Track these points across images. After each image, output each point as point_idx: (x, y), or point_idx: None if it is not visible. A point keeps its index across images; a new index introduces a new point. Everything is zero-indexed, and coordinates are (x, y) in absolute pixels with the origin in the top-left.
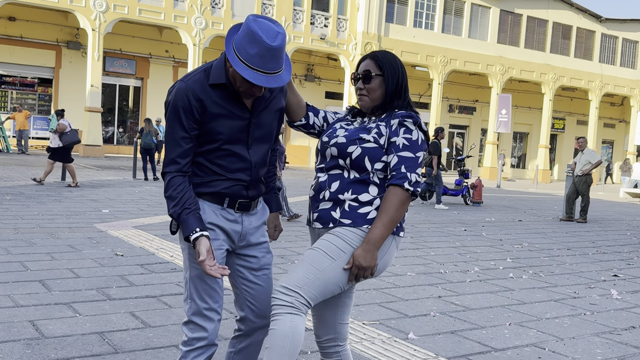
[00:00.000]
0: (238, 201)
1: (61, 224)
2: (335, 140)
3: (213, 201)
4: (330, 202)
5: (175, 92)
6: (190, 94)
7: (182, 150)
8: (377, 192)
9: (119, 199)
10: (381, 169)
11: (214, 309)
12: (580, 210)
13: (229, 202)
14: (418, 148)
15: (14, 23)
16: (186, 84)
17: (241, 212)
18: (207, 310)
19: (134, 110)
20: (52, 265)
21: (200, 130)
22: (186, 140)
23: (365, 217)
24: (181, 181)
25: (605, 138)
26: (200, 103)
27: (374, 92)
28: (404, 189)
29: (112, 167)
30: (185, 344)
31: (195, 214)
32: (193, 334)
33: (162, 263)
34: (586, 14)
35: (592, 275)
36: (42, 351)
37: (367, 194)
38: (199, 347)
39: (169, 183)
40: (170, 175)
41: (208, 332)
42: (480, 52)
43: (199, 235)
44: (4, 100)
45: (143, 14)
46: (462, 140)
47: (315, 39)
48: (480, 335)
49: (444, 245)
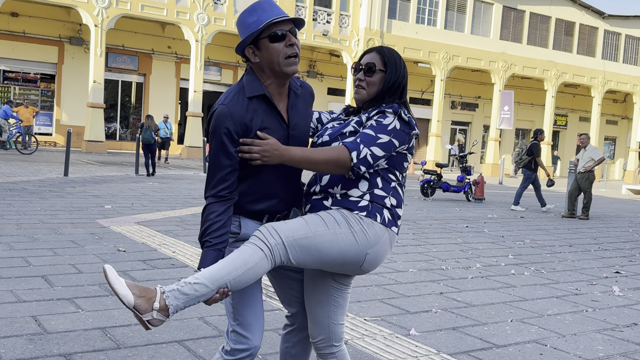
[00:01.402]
0: (276, 216)
1: (64, 220)
2: (321, 139)
3: (253, 218)
4: (321, 194)
5: (216, 116)
6: (234, 118)
7: (222, 176)
8: (367, 187)
9: (122, 194)
10: None
11: (257, 318)
12: (583, 207)
13: (267, 218)
14: (385, 131)
15: (17, 19)
16: (227, 107)
17: None
18: (251, 320)
19: (136, 106)
20: (55, 261)
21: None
22: (228, 166)
23: (357, 204)
24: (216, 208)
25: (608, 135)
26: (243, 125)
27: (372, 86)
28: (349, 156)
29: (114, 163)
30: (227, 353)
31: (214, 250)
32: (236, 345)
33: (164, 259)
34: (589, 11)
35: (594, 272)
36: (44, 346)
37: (357, 189)
38: (240, 358)
39: (205, 208)
40: (208, 201)
41: (251, 343)
42: (483, 49)
43: None
44: (6, 96)
45: (145, 10)
46: (464, 136)
47: (317, 35)
48: (481, 332)
49: (446, 241)
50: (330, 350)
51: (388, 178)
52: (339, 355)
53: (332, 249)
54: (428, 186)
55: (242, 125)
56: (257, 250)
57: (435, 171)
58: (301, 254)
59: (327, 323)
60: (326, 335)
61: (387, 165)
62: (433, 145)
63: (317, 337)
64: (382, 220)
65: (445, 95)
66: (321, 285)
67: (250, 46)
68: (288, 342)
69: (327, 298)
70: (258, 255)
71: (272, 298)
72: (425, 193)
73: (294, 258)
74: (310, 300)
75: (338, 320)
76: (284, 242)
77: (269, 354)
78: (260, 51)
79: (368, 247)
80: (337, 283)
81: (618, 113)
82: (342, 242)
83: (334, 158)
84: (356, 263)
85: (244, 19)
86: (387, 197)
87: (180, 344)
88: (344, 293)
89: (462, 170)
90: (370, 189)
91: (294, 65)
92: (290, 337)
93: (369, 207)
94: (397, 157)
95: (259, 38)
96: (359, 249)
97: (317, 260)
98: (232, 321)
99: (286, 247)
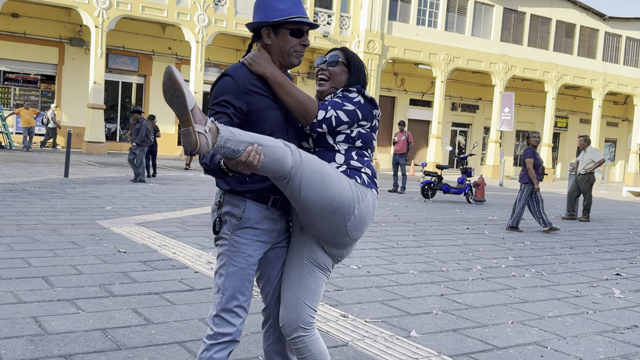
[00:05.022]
0: (280, 199)
1: (64, 221)
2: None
3: (258, 200)
4: None
5: (222, 84)
6: (238, 84)
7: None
8: (343, 160)
9: (122, 195)
10: (343, 140)
11: (244, 307)
12: (583, 209)
13: (272, 200)
14: (351, 102)
15: (17, 20)
16: (233, 75)
17: (281, 210)
18: (237, 308)
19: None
20: (55, 262)
21: (245, 123)
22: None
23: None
24: None
25: (608, 137)
26: (246, 93)
27: (335, 77)
28: (316, 112)
29: (114, 164)
30: (210, 338)
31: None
32: (219, 329)
33: (164, 260)
34: (590, 12)
35: (595, 273)
36: (45, 347)
37: (334, 162)
38: (223, 342)
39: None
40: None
41: (234, 329)
42: (483, 50)
43: None
44: (7, 97)
45: (146, 11)
46: (464, 138)
47: (318, 36)
48: (482, 334)
49: (447, 243)
50: (298, 334)
51: (362, 153)
52: (309, 341)
53: (334, 185)
54: (428, 188)
55: (244, 94)
56: (286, 149)
57: (436, 173)
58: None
59: (295, 303)
60: (292, 317)
61: (361, 143)
62: (433, 146)
63: (284, 320)
64: (363, 182)
65: (445, 96)
66: (295, 263)
67: (269, 28)
68: (269, 339)
69: (299, 276)
70: (286, 150)
71: None
72: (426, 195)
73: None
74: (283, 282)
75: (307, 301)
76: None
77: None
78: (277, 37)
79: (358, 200)
80: (310, 263)
81: (619, 115)
82: (341, 184)
83: (305, 102)
84: (346, 212)
85: (273, 2)
86: (362, 167)
87: (180, 345)
88: (316, 275)
89: (462, 172)
90: (347, 161)
91: (300, 58)
92: (270, 333)
93: (348, 172)
94: (367, 134)
95: (280, 25)
96: (352, 197)
97: (318, 192)
98: (218, 306)
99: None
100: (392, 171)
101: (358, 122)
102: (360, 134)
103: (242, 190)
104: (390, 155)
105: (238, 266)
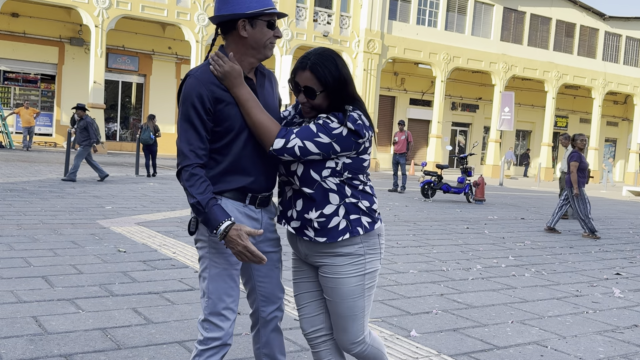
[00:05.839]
0: (259, 197)
1: (64, 220)
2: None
3: (235, 198)
4: (299, 221)
5: (186, 86)
6: (201, 85)
7: (201, 143)
8: (338, 199)
9: (122, 195)
10: (330, 174)
11: (231, 309)
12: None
13: (250, 198)
14: (329, 133)
15: (17, 19)
16: (196, 77)
17: (261, 208)
18: (225, 310)
19: (136, 107)
20: (55, 262)
21: (214, 122)
22: (203, 132)
23: (337, 229)
24: (203, 172)
25: (608, 136)
26: (211, 92)
27: (318, 105)
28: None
29: (114, 164)
30: (200, 343)
31: (220, 204)
32: (209, 334)
33: (164, 259)
34: (590, 12)
35: (595, 273)
36: (45, 347)
37: (330, 204)
38: (214, 347)
39: (192, 172)
40: (192, 167)
41: (224, 332)
42: (483, 50)
43: (230, 223)
44: (7, 97)
45: (146, 11)
46: (464, 138)
47: (318, 36)
48: (482, 333)
49: (447, 243)
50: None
51: (354, 184)
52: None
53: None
54: (428, 187)
55: (210, 92)
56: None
57: (436, 172)
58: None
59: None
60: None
61: (349, 173)
62: (433, 146)
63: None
64: (365, 229)
65: (445, 96)
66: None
67: (245, 20)
68: (258, 342)
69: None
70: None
71: None
72: (426, 194)
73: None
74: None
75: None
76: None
77: None
78: (254, 29)
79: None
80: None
81: (619, 114)
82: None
83: (263, 127)
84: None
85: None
86: (358, 201)
87: (180, 344)
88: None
89: (462, 172)
90: (342, 199)
91: (272, 50)
92: (258, 337)
93: (349, 227)
94: (355, 161)
95: (257, 17)
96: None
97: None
98: (205, 310)
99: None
100: (392, 171)
101: (336, 154)
102: (346, 165)
103: (218, 190)
104: (390, 154)
105: (220, 267)
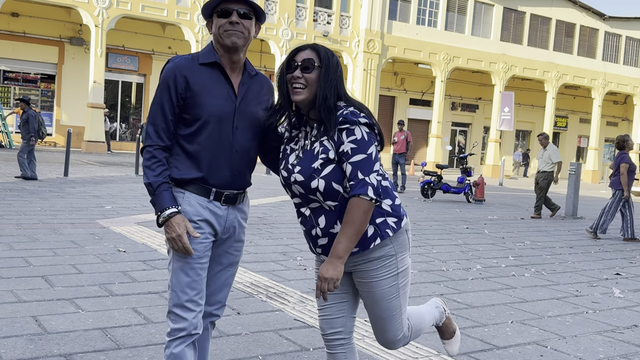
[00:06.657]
0: (225, 193)
1: (64, 220)
2: (294, 177)
3: (199, 193)
4: (326, 237)
5: (164, 71)
6: (177, 71)
7: (166, 126)
8: None
9: (122, 195)
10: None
11: (195, 301)
12: (535, 205)
13: (215, 194)
14: (367, 145)
15: (17, 19)
16: (174, 62)
17: (228, 205)
18: (188, 302)
19: (136, 106)
20: (55, 261)
21: (184, 108)
22: (170, 116)
23: (366, 236)
24: (163, 155)
25: (608, 136)
26: (185, 79)
27: (313, 84)
28: (367, 199)
29: (114, 164)
30: (168, 334)
31: (171, 191)
32: (174, 325)
33: (164, 259)
34: (589, 12)
35: (595, 273)
36: (44, 346)
37: None
38: (179, 337)
39: (153, 154)
40: (154, 147)
41: (188, 322)
42: (483, 50)
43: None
44: (7, 97)
45: (146, 11)
46: (464, 138)
47: (318, 36)
48: (482, 333)
49: (446, 243)
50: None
51: None
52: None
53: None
54: (428, 187)
55: (183, 77)
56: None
57: (436, 172)
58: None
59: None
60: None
61: None
62: (433, 146)
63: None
64: (393, 229)
65: (445, 96)
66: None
67: (210, 19)
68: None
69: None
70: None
71: (272, 299)
72: (426, 194)
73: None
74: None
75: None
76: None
77: (269, 355)
78: (213, 24)
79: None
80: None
81: (618, 114)
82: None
83: (363, 215)
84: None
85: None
86: (381, 202)
87: None
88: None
89: (462, 172)
90: None
91: (232, 37)
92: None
93: (378, 231)
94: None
95: (213, 14)
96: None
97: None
98: (170, 302)
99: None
100: (392, 170)
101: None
102: None
103: (181, 178)
104: (390, 154)
105: (182, 261)
